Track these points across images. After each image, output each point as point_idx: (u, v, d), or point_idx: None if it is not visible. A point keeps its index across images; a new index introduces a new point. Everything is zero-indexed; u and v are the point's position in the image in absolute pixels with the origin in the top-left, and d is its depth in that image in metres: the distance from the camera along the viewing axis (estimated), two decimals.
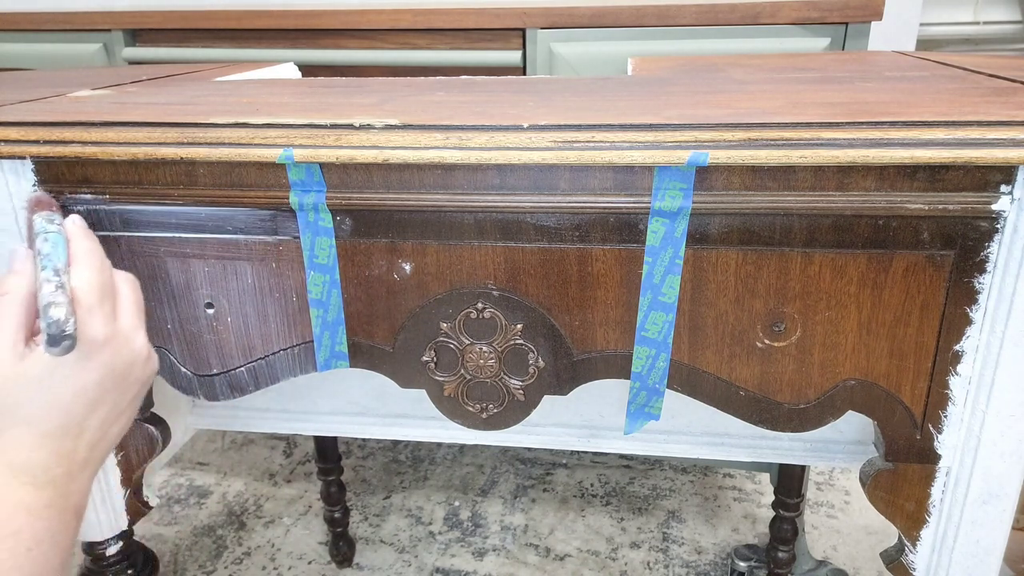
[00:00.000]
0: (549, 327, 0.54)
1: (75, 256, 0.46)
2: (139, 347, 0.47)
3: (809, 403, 0.54)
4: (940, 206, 0.46)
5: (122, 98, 0.65)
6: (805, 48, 1.01)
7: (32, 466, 0.44)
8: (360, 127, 0.49)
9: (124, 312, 0.47)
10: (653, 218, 0.49)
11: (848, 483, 1.42)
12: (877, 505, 0.56)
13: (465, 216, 0.52)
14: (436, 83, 0.73)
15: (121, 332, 0.46)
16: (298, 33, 1.16)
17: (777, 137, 0.45)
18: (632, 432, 0.56)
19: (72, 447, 0.45)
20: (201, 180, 0.53)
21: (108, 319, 0.45)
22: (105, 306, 0.45)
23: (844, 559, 1.24)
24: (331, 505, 1.20)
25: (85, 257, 0.46)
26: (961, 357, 0.50)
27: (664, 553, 1.26)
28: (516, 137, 0.47)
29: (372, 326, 0.56)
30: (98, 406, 0.45)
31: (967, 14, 1.62)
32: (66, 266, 0.45)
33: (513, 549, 1.27)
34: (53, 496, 0.44)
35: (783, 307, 0.51)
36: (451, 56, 1.11)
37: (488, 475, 1.47)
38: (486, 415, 0.58)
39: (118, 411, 0.47)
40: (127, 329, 0.46)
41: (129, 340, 0.46)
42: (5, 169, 0.55)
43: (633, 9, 1.03)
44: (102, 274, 0.46)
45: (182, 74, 0.88)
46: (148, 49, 1.22)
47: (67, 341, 0.41)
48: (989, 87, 0.56)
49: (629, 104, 0.55)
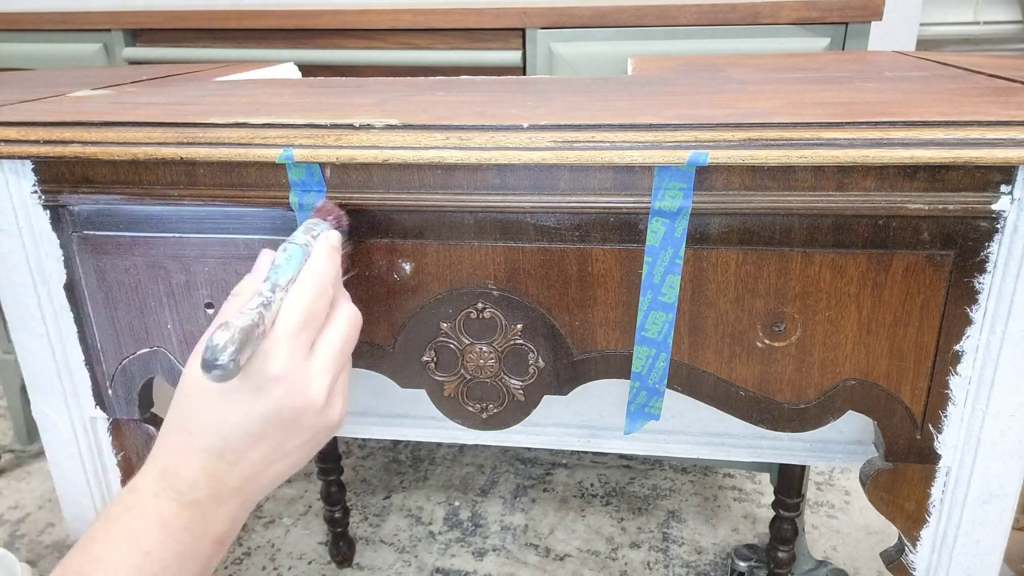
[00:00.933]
0: (549, 327, 0.54)
1: (301, 276, 0.43)
2: (315, 394, 0.42)
3: (809, 403, 0.54)
4: (940, 206, 0.46)
5: (122, 98, 0.65)
6: (805, 48, 1.01)
7: (181, 477, 0.42)
8: (360, 127, 0.49)
9: (321, 352, 0.43)
10: (653, 218, 0.49)
11: (848, 483, 1.42)
12: (877, 505, 0.56)
13: (465, 216, 0.52)
14: (436, 83, 0.73)
15: (303, 373, 0.42)
16: (298, 33, 1.16)
17: (777, 137, 0.45)
18: (632, 432, 0.56)
19: (225, 471, 0.43)
20: (201, 180, 0.53)
21: (295, 355, 0.42)
22: (300, 339, 0.42)
23: (844, 559, 1.24)
24: (331, 505, 1.20)
25: (309, 280, 0.43)
26: (961, 357, 0.50)
27: (664, 553, 1.26)
28: (516, 137, 0.47)
29: (372, 326, 0.56)
30: (260, 441, 0.43)
31: (967, 14, 1.62)
32: (288, 284, 0.43)
33: (513, 549, 1.27)
34: (193, 519, 0.42)
35: (783, 307, 0.51)
36: (451, 56, 1.11)
37: (488, 475, 1.47)
38: (486, 415, 0.58)
39: (282, 452, 0.44)
40: (313, 372, 0.42)
41: (307, 384, 0.42)
42: (5, 169, 0.55)
43: (633, 9, 1.03)
44: (316, 303, 0.43)
45: (182, 74, 0.88)
46: (148, 49, 1.22)
47: (217, 371, 0.38)
48: (989, 87, 0.56)
49: (629, 104, 0.55)
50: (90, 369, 0.61)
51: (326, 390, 0.43)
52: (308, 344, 0.43)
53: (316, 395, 0.43)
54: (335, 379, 0.44)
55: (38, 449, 1.54)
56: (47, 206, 0.56)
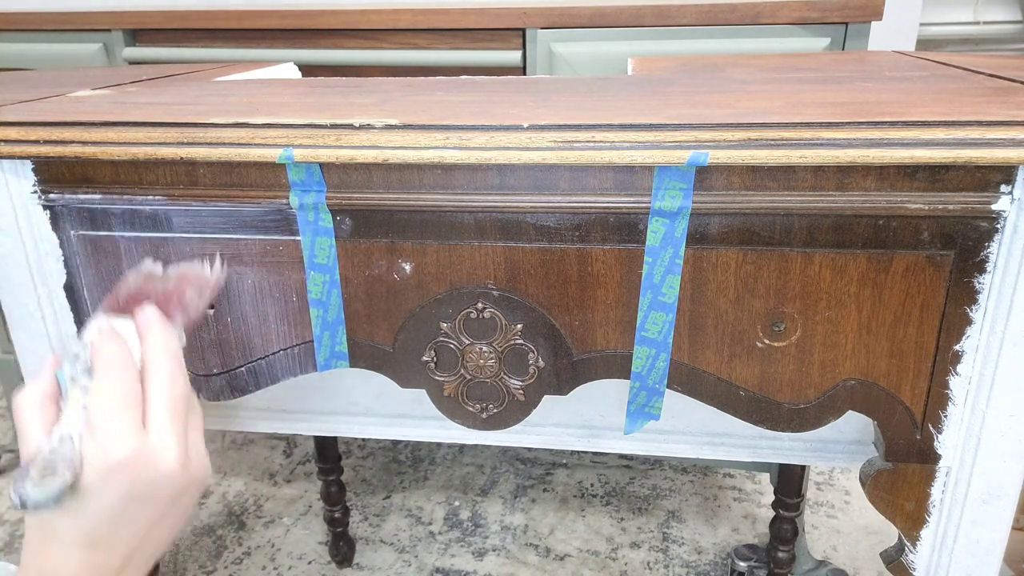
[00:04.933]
0: (549, 327, 0.54)
1: (96, 366, 0.43)
2: (167, 463, 0.42)
3: (809, 403, 0.54)
4: (940, 206, 0.46)
5: (122, 98, 0.65)
6: (805, 48, 1.01)
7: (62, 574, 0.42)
8: (360, 127, 0.49)
9: (154, 420, 0.42)
10: (653, 218, 0.49)
11: (848, 483, 1.42)
12: (877, 505, 0.56)
13: (465, 216, 0.52)
14: (436, 83, 0.73)
15: (144, 449, 0.41)
16: (298, 33, 1.16)
17: (777, 137, 0.45)
18: (632, 432, 0.56)
19: (104, 556, 0.42)
20: (201, 180, 0.53)
21: (127, 436, 0.41)
22: (124, 420, 0.41)
23: (844, 559, 1.24)
24: (331, 505, 1.20)
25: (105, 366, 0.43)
26: (961, 357, 0.50)
27: (664, 553, 1.26)
28: (516, 137, 0.47)
29: (372, 326, 0.56)
30: (123, 522, 0.42)
31: (967, 14, 1.62)
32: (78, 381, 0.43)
33: (513, 549, 1.27)
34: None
35: (783, 307, 0.51)
36: (451, 56, 1.11)
37: (488, 475, 1.47)
38: (486, 415, 0.58)
39: (154, 522, 0.43)
40: (153, 443, 0.42)
41: (153, 457, 0.41)
42: (5, 169, 0.55)
43: (633, 9, 1.03)
44: (122, 384, 0.42)
45: (182, 74, 0.88)
46: (148, 49, 1.22)
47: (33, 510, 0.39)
48: (989, 87, 0.56)
49: (629, 104, 0.55)
50: None
51: (173, 455, 0.42)
52: (137, 420, 0.42)
53: (166, 464, 0.42)
54: (180, 438, 0.43)
55: None
56: (47, 206, 0.56)
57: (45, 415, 0.43)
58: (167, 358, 0.45)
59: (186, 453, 0.43)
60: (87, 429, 0.41)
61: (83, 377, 0.44)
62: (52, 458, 0.40)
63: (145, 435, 0.42)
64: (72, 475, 0.40)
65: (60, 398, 0.44)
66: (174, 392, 0.44)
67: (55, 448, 0.41)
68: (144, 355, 0.45)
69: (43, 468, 0.40)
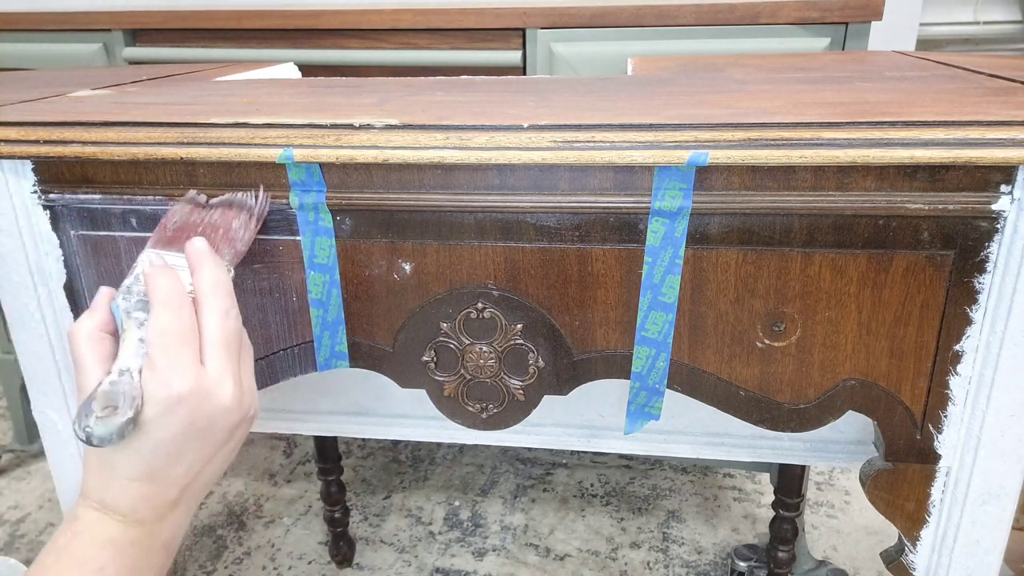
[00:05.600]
0: (549, 327, 0.54)
1: (152, 300, 0.44)
2: (224, 398, 0.43)
3: (809, 403, 0.54)
4: (940, 206, 0.46)
5: (122, 98, 0.65)
6: (805, 48, 1.01)
7: (119, 506, 0.44)
8: (360, 127, 0.49)
9: (210, 356, 0.43)
10: (653, 218, 0.49)
11: (848, 483, 1.42)
12: (877, 505, 0.56)
13: (465, 216, 0.52)
14: (436, 83, 0.73)
15: (202, 384, 0.42)
16: (298, 33, 1.16)
17: (777, 137, 0.45)
18: (632, 432, 0.56)
19: (159, 491, 0.44)
20: (201, 180, 0.53)
21: (186, 370, 0.42)
22: (183, 355, 0.42)
23: (844, 559, 1.24)
24: (331, 505, 1.20)
25: (162, 301, 0.43)
26: (961, 357, 0.50)
27: (664, 553, 1.26)
28: (516, 137, 0.47)
29: (372, 326, 0.56)
30: (181, 456, 0.43)
31: (967, 14, 1.62)
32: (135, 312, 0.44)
33: (513, 549, 1.27)
34: (140, 534, 0.44)
35: (783, 307, 0.51)
36: (451, 56, 1.11)
37: (488, 475, 1.47)
38: (486, 415, 0.58)
39: (207, 457, 0.45)
40: (212, 378, 0.43)
41: (211, 392, 0.43)
42: (5, 169, 0.55)
43: (633, 9, 1.03)
44: (180, 319, 0.43)
45: (182, 74, 0.88)
46: (148, 49, 1.22)
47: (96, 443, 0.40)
48: (989, 87, 0.56)
49: (629, 104, 0.55)
50: None
51: (230, 390, 0.43)
52: (195, 355, 0.43)
53: (224, 399, 0.43)
54: (235, 374, 0.44)
55: (38, 449, 1.54)
56: (47, 206, 0.56)
57: (100, 347, 0.44)
58: (220, 292, 0.45)
59: (240, 388, 0.44)
60: (146, 363, 0.42)
61: (138, 311, 0.44)
62: (113, 392, 0.41)
63: (203, 370, 0.43)
64: (133, 410, 0.41)
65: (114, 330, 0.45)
66: (227, 327, 0.45)
67: (115, 382, 0.41)
68: (196, 289, 0.45)
69: (105, 403, 0.40)
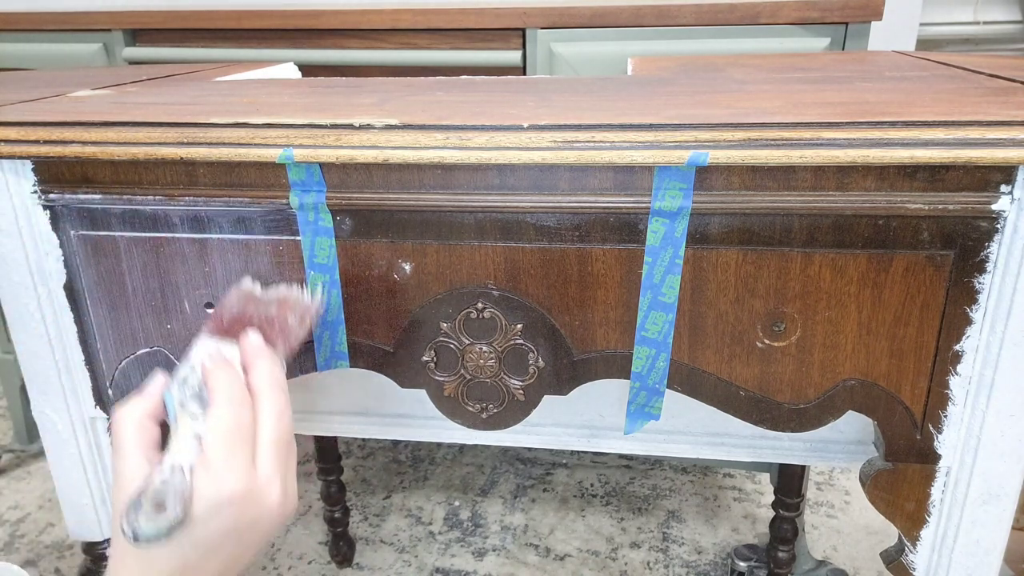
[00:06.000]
0: (549, 327, 0.54)
1: (213, 396, 0.43)
2: (271, 502, 0.42)
3: (809, 403, 0.54)
4: (940, 206, 0.46)
5: (122, 98, 0.65)
6: (805, 48, 1.01)
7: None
8: (360, 127, 0.49)
9: (263, 457, 0.43)
10: (653, 218, 0.49)
11: (848, 483, 1.42)
12: (877, 505, 0.56)
13: (465, 216, 0.52)
14: (436, 83, 0.73)
15: (254, 486, 0.42)
16: (298, 33, 1.16)
17: (777, 137, 0.45)
18: (632, 432, 0.56)
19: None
20: (201, 180, 0.53)
21: (240, 472, 0.41)
22: (238, 456, 0.42)
23: (844, 559, 1.24)
24: (331, 505, 1.20)
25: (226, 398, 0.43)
26: (961, 357, 0.50)
27: (664, 553, 1.25)
28: (516, 137, 0.47)
29: (372, 326, 0.56)
30: (218, 553, 0.42)
31: (967, 14, 1.62)
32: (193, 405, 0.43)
33: (513, 549, 1.27)
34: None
35: (783, 307, 0.51)
36: (451, 56, 1.11)
37: (488, 475, 1.47)
38: (486, 415, 0.58)
39: (239, 556, 0.43)
40: (262, 481, 0.42)
41: (260, 495, 0.42)
42: (5, 169, 0.55)
43: (633, 9, 1.03)
44: (240, 418, 0.42)
45: (182, 74, 0.88)
46: (148, 49, 1.22)
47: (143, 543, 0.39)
48: (989, 87, 0.56)
49: (629, 104, 0.55)
50: (90, 369, 0.61)
51: (277, 494, 0.43)
52: (251, 455, 0.42)
53: (270, 502, 0.42)
54: (283, 476, 0.43)
55: (38, 449, 1.54)
56: (47, 206, 0.56)
57: (146, 435, 0.43)
58: (276, 392, 0.45)
59: (285, 492, 0.44)
60: (200, 460, 0.41)
61: (192, 403, 0.43)
62: (164, 489, 0.40)
63: (254, 471, 0.42)
64: (183, 510, 0.40)
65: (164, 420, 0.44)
66: (281, 428, 0.44)
67: (167, 480, 0.40)
68: (252, 386, 0.45)
69: (155, 500, 0.39)
